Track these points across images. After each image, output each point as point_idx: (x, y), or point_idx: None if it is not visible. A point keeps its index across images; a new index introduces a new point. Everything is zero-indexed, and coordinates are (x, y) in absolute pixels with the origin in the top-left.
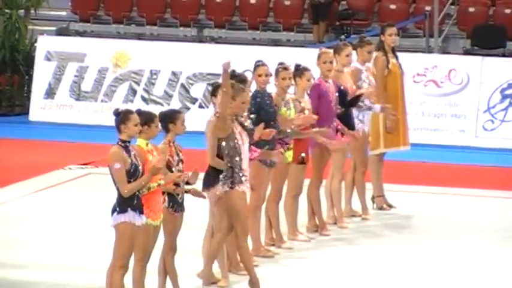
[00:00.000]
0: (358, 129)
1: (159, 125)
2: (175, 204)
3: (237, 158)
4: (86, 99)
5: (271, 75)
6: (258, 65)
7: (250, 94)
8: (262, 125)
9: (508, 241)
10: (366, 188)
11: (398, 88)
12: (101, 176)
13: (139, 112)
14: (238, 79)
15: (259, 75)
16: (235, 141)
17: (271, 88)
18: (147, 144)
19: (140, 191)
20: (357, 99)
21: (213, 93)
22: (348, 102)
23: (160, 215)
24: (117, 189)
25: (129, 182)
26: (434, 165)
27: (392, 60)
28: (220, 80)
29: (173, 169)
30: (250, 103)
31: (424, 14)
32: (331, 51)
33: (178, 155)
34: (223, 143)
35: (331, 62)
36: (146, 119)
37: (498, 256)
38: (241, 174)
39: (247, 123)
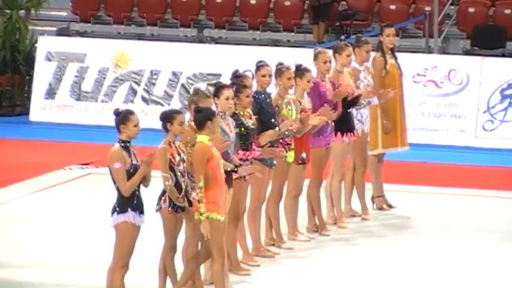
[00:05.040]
0: (357, 129)
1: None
2: (176, 205)
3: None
4: (86, 100)
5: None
6: (262, 65)
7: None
8: (273, 131)
9: (508, 241)
10: (366, 188)
11: (397, 89)
12: (101, 176)
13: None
14: (240, 79)
15: (263, 76)
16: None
17: (271, 88)
18: (208, 140)
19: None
20: (356, 99)
21: (215, 94)
22: (348, 102)
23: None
24: (117, 188)
25: None
26: (434, 165)
27: (391, 60)
28: (221, 80)
29: (175, 168)
30: (252, 104)
31: (424, 14)
32: (329, 51)
33: (179, 154)
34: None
35: (330, 62)
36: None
37: (498, 256)
38: (193, 182)
39: (250, 122)
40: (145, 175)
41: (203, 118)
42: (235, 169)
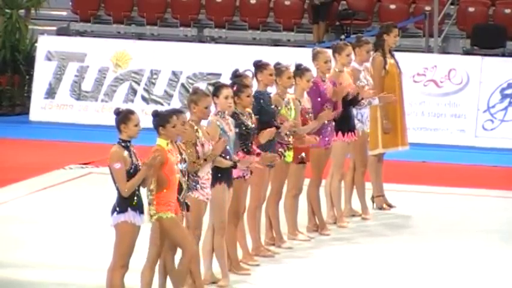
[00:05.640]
0: (357, 129)
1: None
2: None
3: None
4: (86, 99)
5: None
6: (266, 63)
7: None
8: (273, 129)
9: (508, 241)
10: (366, 188)
11: (397, 88)
12: (101, 175)
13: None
14: (240, 79)
15: (271, 75)
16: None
17: (270, 88)
18: (167, 144)
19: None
20: (356, 98)
21: (215, 94)
22: (349, 101)
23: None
24: (117, 188)
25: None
26: (434, 165)
27: (390, 60)
28: (221, 80)
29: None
30: (252, 103)
31: (424, 14)
32: (328, 50)
33: (181, 154)
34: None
35: (330, 61)
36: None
37: (498, 256)
38: (194, 182)
39: (250, 122)
40: (145, 176)
41: (156, 124)
42: (235, 164)
